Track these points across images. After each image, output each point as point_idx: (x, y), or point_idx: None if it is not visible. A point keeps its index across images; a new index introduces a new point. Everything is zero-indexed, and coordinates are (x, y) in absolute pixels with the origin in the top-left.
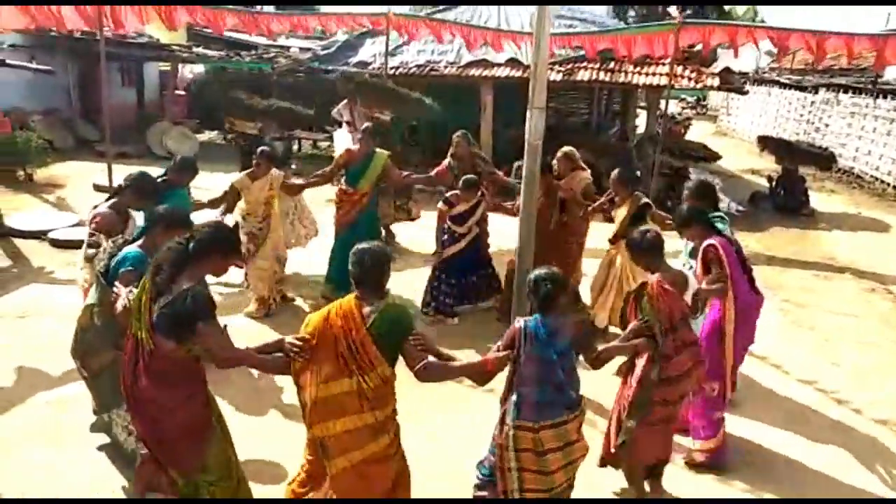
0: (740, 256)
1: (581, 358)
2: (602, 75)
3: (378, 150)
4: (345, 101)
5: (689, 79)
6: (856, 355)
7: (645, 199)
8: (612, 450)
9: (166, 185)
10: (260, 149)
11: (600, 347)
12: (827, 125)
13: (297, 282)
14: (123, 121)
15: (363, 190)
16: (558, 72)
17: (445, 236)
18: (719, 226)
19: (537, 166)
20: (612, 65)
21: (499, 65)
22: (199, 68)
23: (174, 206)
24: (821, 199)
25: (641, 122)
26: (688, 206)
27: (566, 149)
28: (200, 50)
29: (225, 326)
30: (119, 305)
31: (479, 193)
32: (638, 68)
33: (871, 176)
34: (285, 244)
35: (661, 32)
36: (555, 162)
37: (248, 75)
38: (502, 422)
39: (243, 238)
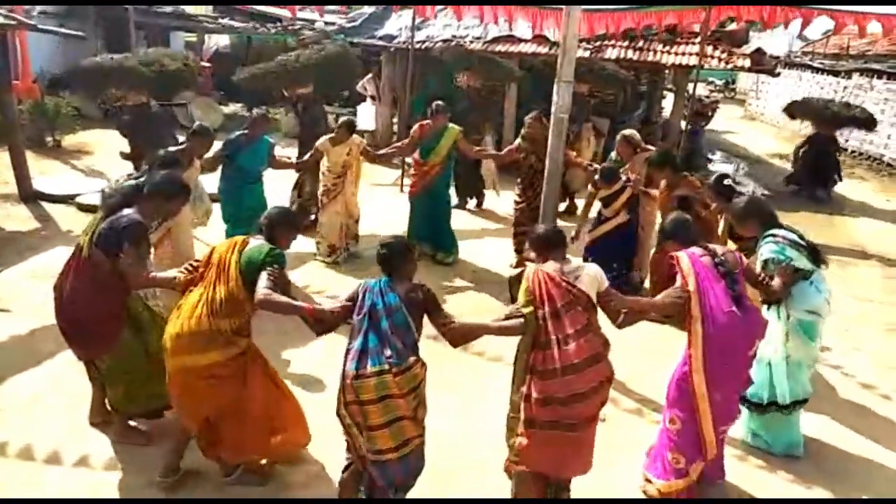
0: (721, 269)
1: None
2: (630, 54)
3: (451, 125)
4: (369, 75)
5: (720, 59)
6: (878, 341)
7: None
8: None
9: (247, 140)
10: (342, 119)
11: (457, 322)
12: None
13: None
14: None
15: (433, 162)
16: (585, 49)
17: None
18: (776, 249)
19: (562, 141)
20: (640, 43)
21: (525, 40)
22: (225, 40)
23: (257, 156)
24: (850, 187)
25: (667, 104)
26: (671, 219)
27: (626, 131)
28: (226, 21)
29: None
30: None
31: (625, 179)
32: (667, 47)
33: None
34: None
35: (693, 10)
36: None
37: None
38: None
39: (321, 191)
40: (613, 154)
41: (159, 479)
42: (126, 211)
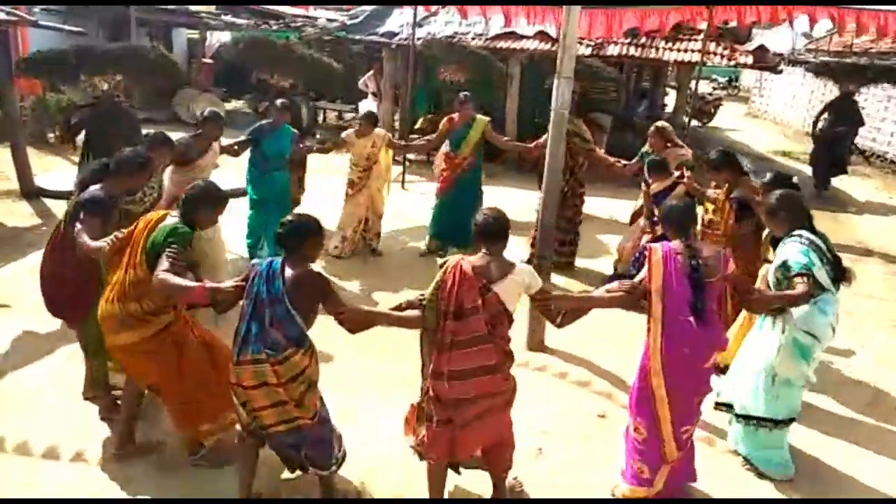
0: (693, 276)
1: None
2: (632, 50)
3: (479, 116)
4: (370, 72)
5: (722, 56)
6: (883, 338)
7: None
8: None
9: (271, 127)
10: (364, 111)
11: (350, 310)
12: (863, 108)
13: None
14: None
15: (464, 154)
16: (587, 45)
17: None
18: (802, 250)
19: (563, 136)
20: (642, 40)
21: (527, 37)
22: (227, 37)
23: (279, 144)
24: (854, 184)
25: (669, 101)
26: (670, 204)
27: (659, 123)
28: (229, 18)
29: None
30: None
31: (678, 175)
32: (669, 44)
33: None
34: None
35: (694, 8)
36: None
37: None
38: None
39: (346, 182)
40: (646, 147)
41: (114, 451)
42: (92, 187)
